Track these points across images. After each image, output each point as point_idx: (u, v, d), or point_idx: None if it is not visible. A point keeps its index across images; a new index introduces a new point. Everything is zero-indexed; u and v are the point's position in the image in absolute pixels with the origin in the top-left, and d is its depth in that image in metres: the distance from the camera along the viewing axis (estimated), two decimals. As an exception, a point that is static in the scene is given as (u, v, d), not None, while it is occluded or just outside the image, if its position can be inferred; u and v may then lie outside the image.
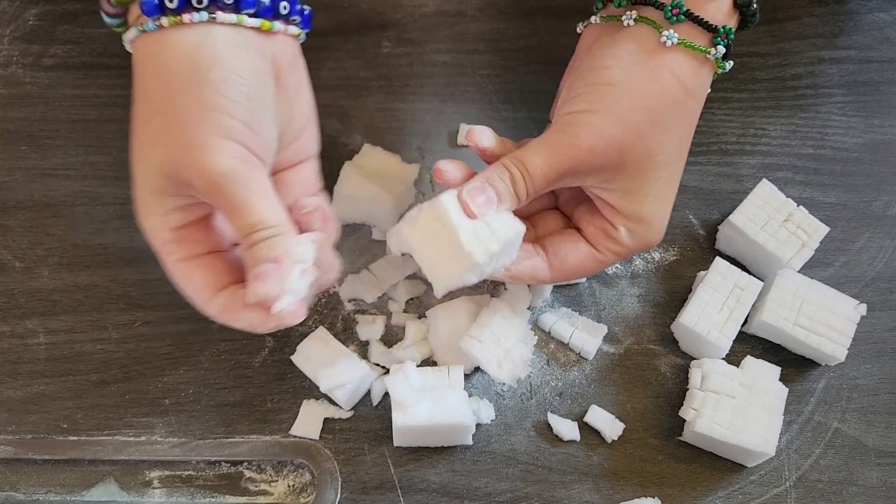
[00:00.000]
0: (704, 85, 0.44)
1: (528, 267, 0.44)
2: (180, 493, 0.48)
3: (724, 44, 0.42)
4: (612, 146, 0.41)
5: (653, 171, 0.43)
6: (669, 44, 0.42)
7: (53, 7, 0.61)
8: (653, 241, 0.45)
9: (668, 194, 0.44)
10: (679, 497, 0.47)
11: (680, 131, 0.43)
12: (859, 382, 0.50)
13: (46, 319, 0.51)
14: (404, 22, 0.61)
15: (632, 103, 0.41)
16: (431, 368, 0.46)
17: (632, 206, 0.43)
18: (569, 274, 0.45)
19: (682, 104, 0.42)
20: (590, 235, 0.45)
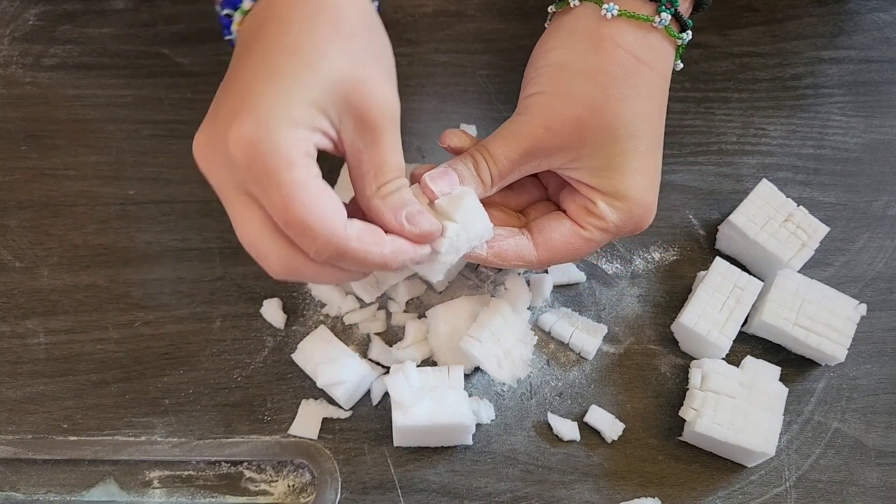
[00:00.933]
0: (661, 55, 0.43)
1: (512, 245, 0.44)
2: (180, 493, 0.48)
3: (670, 12, 0.42)
4: (568, 122, 0.42)
5: (616, 144, 0.42)
6: (610, 16, 0.42)
7: (53, 7, 0.61)
8: (637, 215, 0.44)
9: (643, 167, 0.43)
10: (679, 497, 0.47)
11: (640, 101, 0.43)
12: (859, 382, 0.50)
13: (46, 319, 0.51)
14: (404, 22, 0.61)
15: (579, 79, 0.42)
16: (431, 368, 0.47)
17: (605, 182, 0.43)
18: (556, 252, 0.44)
19: (634, 73, 0.42)
20: (572, 213, 0.44)
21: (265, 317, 0.51)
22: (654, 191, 0.44)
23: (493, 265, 0.44)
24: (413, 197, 0.40)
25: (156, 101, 0.58)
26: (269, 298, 0.51)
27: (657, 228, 0.54)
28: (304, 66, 0.37)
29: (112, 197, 0.55)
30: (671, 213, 0.55)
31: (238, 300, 0.52)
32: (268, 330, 0.51)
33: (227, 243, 0.53)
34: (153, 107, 0.58)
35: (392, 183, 0.39)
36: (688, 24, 0.43)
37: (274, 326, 0.51)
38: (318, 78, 0.37)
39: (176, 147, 0.56)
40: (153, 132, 0.57)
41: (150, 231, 0.54)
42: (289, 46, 0.38)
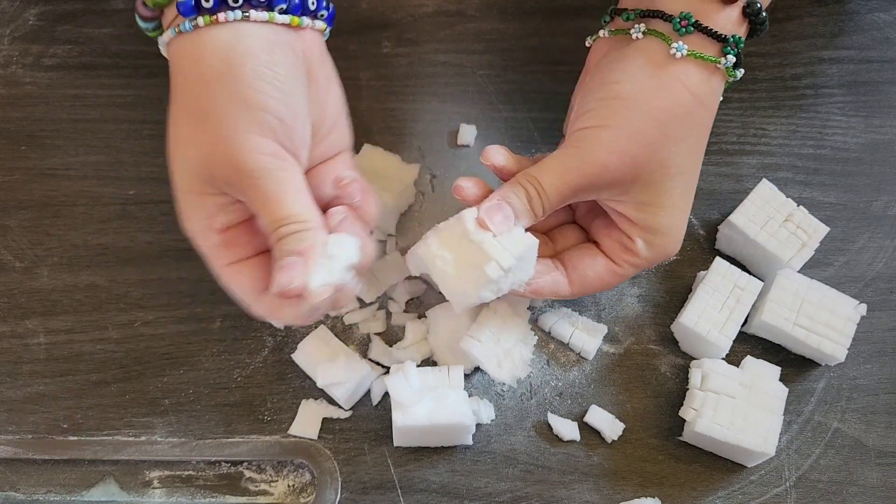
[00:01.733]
0: (715, 94, 0.44)
1: (548, 281, 0.45)
2: (180, 493, 0.48)
3: (734, 53, 0.42)
4: (625, 161, 0.41)
5: (667, 182, 0.43)
6: (679, 55, 0.41)
7: (53, 7, 0.61)
8: (671, 251, 0.45)
9: (683, 204, 0.44)
10: (679, 497, 0.47)
11: (692, 142, 0.43)
12: (859, 382, 0.50)
13: (46, 319, 0.51)
14: (404, 22, 0.61)
15: (643, 117, 0.41)
16: (431, 368, 0.47)
17: (648, 218, 0.43)
18: (589, 288, 0.46)
19: (693, 115, 0.42)
20: (607, 249, 0.45)
21: (265, 317, 0.51)
22: (686, 224, 0.45)
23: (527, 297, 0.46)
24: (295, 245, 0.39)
25: (156, 101, 0.58)
26: (269, 298, 0.51)
27: (657, 228, 0.54)
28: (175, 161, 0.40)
29: (112, 197, 0.55)
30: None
31: (238, 300, 0.52)
32: (268, 330, 0.51)
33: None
34: (153, 107, 0.58)
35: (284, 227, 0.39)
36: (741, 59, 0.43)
37: (274, 326, 0.51)
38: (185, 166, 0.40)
39: (176, 147, 0.56)
40: (153, 132, 0.57)
41: (150, 231, 0.54)
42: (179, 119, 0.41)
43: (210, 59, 0.38)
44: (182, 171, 0.40)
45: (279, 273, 0.38)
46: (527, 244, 0.42)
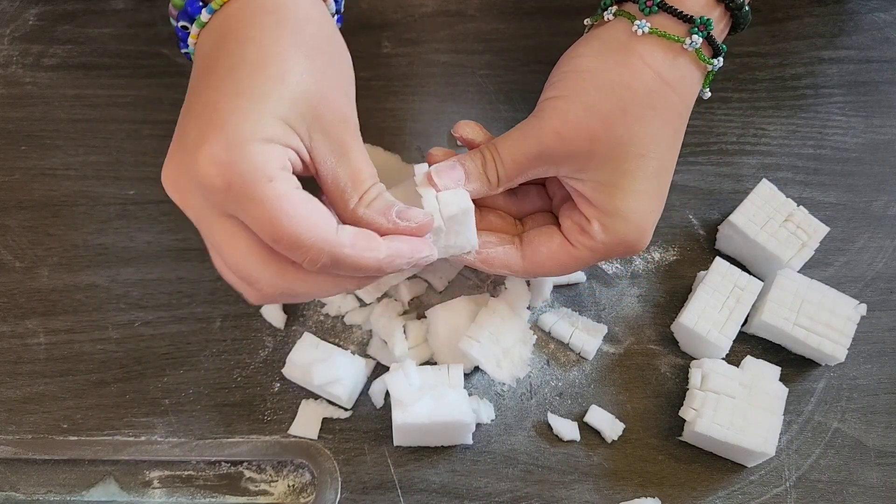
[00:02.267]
0: (686, 78, 0.43)
1: (499, 253, 0.44)
2: (180, 493, 0.48)
3: (702, 35, 0.41)
4: (580, 131, 0.41)
5: (625, 161, 0.42)
6: (640, 33, 0.42)
7: (53, 7, 0.61)
8: (631, 239, 0.43)
9: (646, 190, 0.42)
10: (679, 497, 0.47)
11: (658, 123, 0.42)
12: (859, 382, 0.50)
13: (46, 319, 0.51)
14: (404, 22, 0.61)
15: (600, 89, 0.41)
16: (431, 367, 0.47)
17: (604, 199, 0.42)
18: (541, 265, 0.44)
19: (657, 94, 0.42)
20: (565, 229, 0.44)
21: (265, 317, 0.51)
22: (654, 216, 0.43)
23: (478, 269, 0.45)
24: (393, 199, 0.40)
25: (156, 101, 0.58)
26: (269, 298, 0.51)
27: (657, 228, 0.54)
28: (271, 80, 0.36)
29: (112, 197, 0.55)
30: (671, 213, 0.55)
31: (238, 300, 0.52)
32: (268, 330, 0.51)
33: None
34: (153, 107, 0.58)
35: (372, 189, 0.39)
36: (721, 49, 0.43)
37: (274, 326, 0.51)
38: (286, 93, 0.36)
39: (176, 147, 0.56)
40: (153, 132, 0.57)
41: (150, 231, 0.54)
42: (253, 60, 0.36)
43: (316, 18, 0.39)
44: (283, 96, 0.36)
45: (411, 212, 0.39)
46: (462, 207, 0.41)
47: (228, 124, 0.35)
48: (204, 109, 0.36)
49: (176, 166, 0.36)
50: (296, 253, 0.35)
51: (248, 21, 0.38)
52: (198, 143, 0.35)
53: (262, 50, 0.37)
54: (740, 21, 0.44)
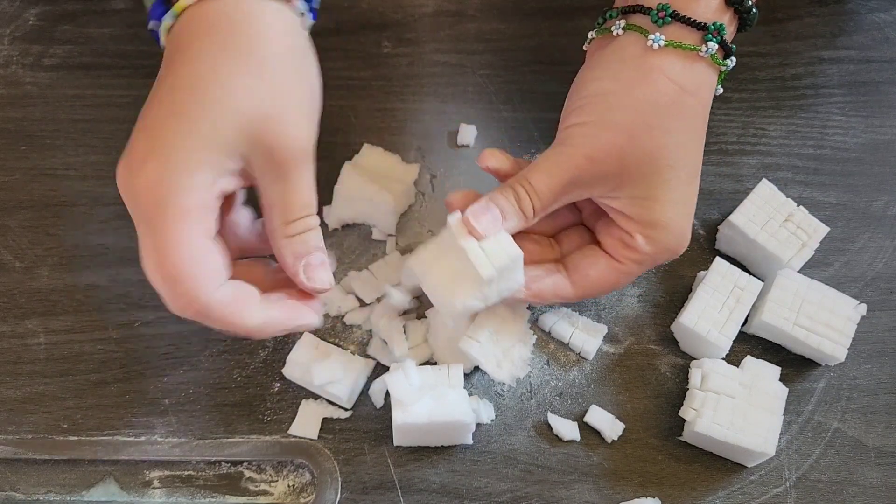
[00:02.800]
0: (704, 83, 0.43)
1: (549, 284, 0.45)
2: (180, 493, 0.48)
3: (717, 41, 0.42)
4: (610, 152, 0.41)
5: (658, 174, 0.42)
6: (656, 46, 0.42)
7: (53, 7, 0.61)
8: (673, 246, 0.44)
9: (682, 197, 0.43)
10: (679, 497, 0.47)
11: (684, 132, 0.43)
12: (859, 382, 0.50)
13: (46, 319, 0.51)
14: (404, 22, 0.61)
15: (625, 109, 0.42)
16: (431, 367, 0.46)
17: (643, 213, 0.43)
18: (592, 288, 0.45)
19: (679, 104, 0.42)
20: (608, 247, 0.45)
21: (265, 317, 0.51)
22: (690, 220, 0.44)
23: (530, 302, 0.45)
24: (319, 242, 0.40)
25: (156, 101, 0.58)
26: (269, 298, 0.51)
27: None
28: (210, 105, 0.37)
29: (112, 197, 0.55)
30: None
31: (238, 300, 0.52)
32: (268, 330, 0.51)
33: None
34: (153, 107, 0.58)
35: (298, 223, 0.39)
36: (732, 49, 0.43)
37: (274, 326, 0.51)
38: (223, 118, 0.37)
39: (176, 147, 0.56)
40: (153, 132, 0.57)
41: (150, 231, 0.54)
42: (194, 82, 0.37)
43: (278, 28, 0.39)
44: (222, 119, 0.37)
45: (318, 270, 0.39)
46: (511, 255, 0.42)
47: (163, 148, 0.36)
48: (147, 125, 0.38)
49: (123, 171, 0.38)
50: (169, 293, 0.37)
51: (199, 37, 0.38)
52: (139, 160, 0.37)
53: (206, 70, 0.37)
54: (748, 22, 0.44)
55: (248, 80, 0.37)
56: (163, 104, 0.38)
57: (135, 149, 0.38)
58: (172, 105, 0.37)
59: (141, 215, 0.37)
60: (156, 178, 0.36)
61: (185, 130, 0.36)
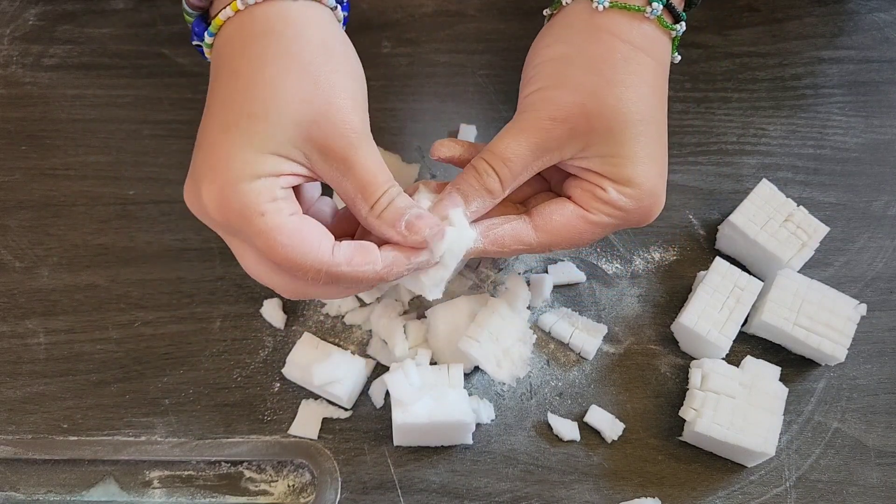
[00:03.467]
0: (657, 44, 0.43)
1: (508, 230, 0.42)
2: (180, 493, 0.48)
3: (662, 2, 0.42)
4: (574, 111, 0.41)
5: (626, 129, 0.41)
6: (601, 8, 0.42)
7: (53, 7, 0.61)
8: (647, 203, 0.42)
9: (652, 154, 0.42)
10: (679, 497, 0.47)
11: (644, 87, 0.42)
12: (859, 382, 0.50)
13: (46, 319, 0.51)
14: (404, 22, 0.61)
15: (580, 68, 0.42)
16: (431, 367, 0.47)
17: (614, 170, 0.42)
18: (556, 234, 0.43)
19: (634, 60, 0.42)
20: (577, 198, 0.43)
21: (265, 317, 0.51)
22: (663, 180, 0.43)
23: (493, 255, 0.43)
24: (408, 202, 0.40)
25: (156, 101, 0.58)
26: (269, 298, 0.51)
27: (657, 228, 0.54)
28: (259, 116, 0.38)
29: (112, 197, 0.55)
30: (671, 213, 0.55)
31: (238, 300, 0.52)
32: (268, 330, 0.51)
33: (226, 243, 0.53)
34: (153, 107, 0.58)
35: (383, 198, 0.40)
36: (681, 15, 0.43)
37: (274, 326, 0.51)
38: (274, 126, 0.38)
39: (176, 147, 0.56)
40: (153, 132, 0.57)
41: (150, 231, 0.54)
42: (239, 95, 0.39)
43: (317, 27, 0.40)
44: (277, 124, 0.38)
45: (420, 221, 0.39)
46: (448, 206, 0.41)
47: (220, 165, 0.38)
48: (203, 144, 0.39)
49: (189, 193, 0.40)
50: (296, 274, 0.38)
51: (239, 50, 0.39)
52: (199, 180, 0.38)
53: (250, 82, 0.38)
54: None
55: (293, 84, 0.38)
56: (215, 120, 0.39)
57: (196, 169, 0.39)
58: (224, 120, 0.38)
59: (224, 230, 0.40)
60: (221, 196, 0.37)
61: (239, 145, 0.38)
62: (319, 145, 0.38)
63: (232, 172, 0.37)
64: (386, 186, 0.40)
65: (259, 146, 0.38)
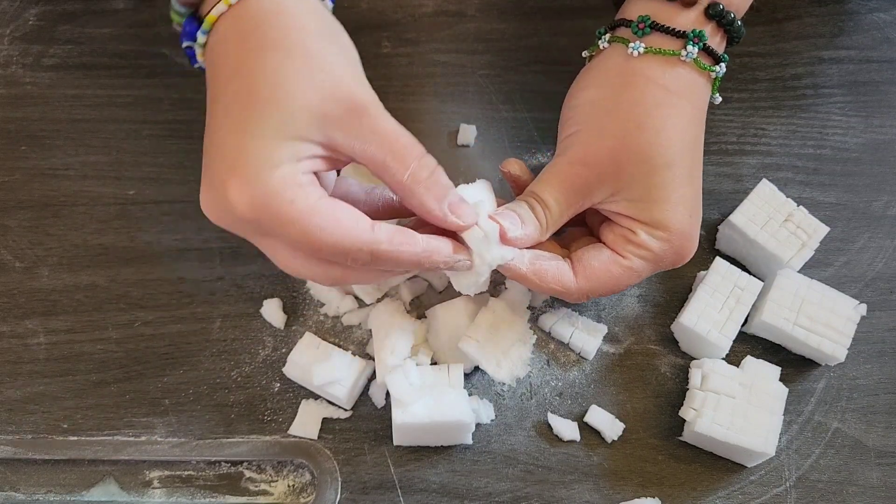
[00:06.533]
0: (692, 87, 0.43)
1: (552, 267, 0.43)
2: (180, 493, 0.48)
3: (698, 46, 0.43)
4: (604, 156, 0.42)
5: (653, 174, 0.42)
6: (636, 54, 0.43)
7: (53, 7, 0.61)
8: (677, 245, 0.43)
9: (681, 198, 0.43)
10: (679, 497, 0.47)
11: (675, 131, 0.43)
12: (859, 382, 0.50)
13: (46, 319, 0.51)
14: (404, 22, 0.61)
15: (612, 113, 0.43)
16: (431, 367, 0.47)
17: (644, 213, 0.43)
18: (595, 280, 0.44)
19: (666, 104, 0.42)
20: (611, 242, 0.44)
21: (265, 317, 0.51)
22: (695, 221, 0.44)
23: (530, 284, 0.44)
24: (449, 181, 0.41)
25: (156, 101, 0.58)
26: (269, 298, 0.51)
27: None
28: (270, 104, 0.37)
29: (112, 197, 0.55)
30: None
31: (238, 300, 0.52)
32: (268, 330, 0.51)
33: (226, 243, 0.53)
34: (153, 107, 0.58)
35: (421, 166, 0.39)
36: (722, 57, 0.44)
37: (274, 326, 0.51)
38: (286, 112, 0.37)
39: (176, 147, 0.56)
40: (153, 132, 0.57)
41: (150, 231, 0.54)
42: (247, 89, 0.38)
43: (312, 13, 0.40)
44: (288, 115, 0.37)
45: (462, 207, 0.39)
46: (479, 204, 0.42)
47: (239, 162, 0.37)
48: (214, 146, 0.39)
49: (209, 201, 0.39)
50: (337, 258, 0.38)
51: (235, 45, 0.39)
52: (221, 183, 0.38)
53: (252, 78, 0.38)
54: (734, 35, 0.45)
55: (297, 73, 0.38)
56: (224, 120, 0.39)
57: (213, 173, 0.38)
58: (233, 118, 0.38)
59: (253, 230, 0.39)
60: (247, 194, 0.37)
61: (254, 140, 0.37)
62: (338, 120, 0.38)
63: (252, 167, 0.37)
64: (421, 153, 0.40)
65: (274, 134, 0.37)
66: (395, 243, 0.38)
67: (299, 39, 0.39)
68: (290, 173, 0.37)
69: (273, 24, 0.39)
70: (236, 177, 0.37)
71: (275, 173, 0.37)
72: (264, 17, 0.39)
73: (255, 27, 0.39)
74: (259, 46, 0.39)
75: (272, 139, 0.37)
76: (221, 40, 0.40)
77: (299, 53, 0.38)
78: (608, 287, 0.44)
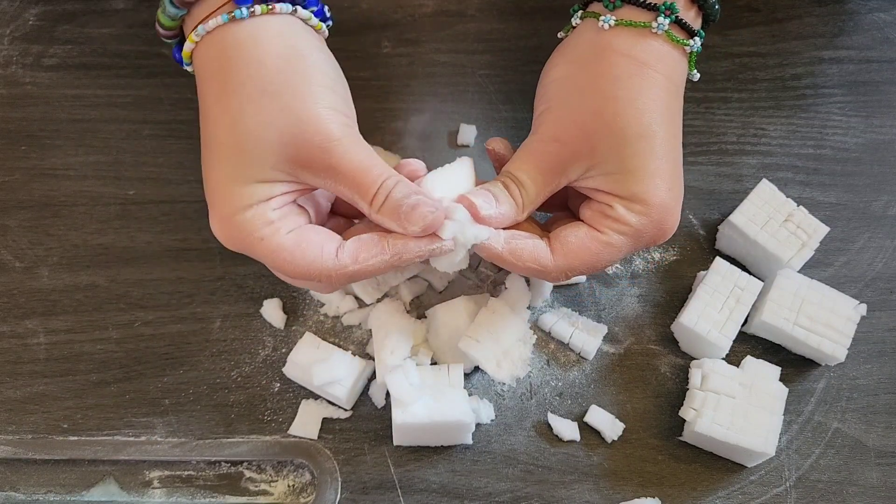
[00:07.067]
0: (665, 58, 0.42)
1: (529, 245, 0.42)
2: (180, 493, 0.48)
3: (672, 19, 0.42)
4: (574, 130, 0.42)
5: (626, 145, 0.41)
6: (606, 27, 0.42)
7: (53, 7, 0.61)
8: (657, 219, 0.42)
9: (659, 169, 0.41)
10: (679, 497, 0.47)
11: (647, 102, 0.41)
12: (859, 382, 0.50)
13: (46, 319, 0.51)
14: (404, 22, 0.61)
15: (583, 87, 0.42)
16: (431, 367, 0.47)
17: (620, 187, 0.41)
18: (573, 257, 0.42)
19: (638, 75, 0.42)
20: (588, 219, 0.43)
21: (265, 317, 0.51)
22: (676, 194, 0.43)
23: (509, 265, 0.42)
24: (405, 189, 0.41)
25: (156, 101, 0.58)
26: (269, 298, 0.51)
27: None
28: (234, 149, 0.40)
29: (112, 197, 0.55)
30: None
31: (238, 300, 0.52)
32: (268, 330, 0.51)
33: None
34: (153, 107, 0.58)
35: (380, 192, 0.40)
36: (697, 32, 0.43)
37: (274, 326, 0.51)
38: (251, 156, 0.40)
39: (176, 147, 0.56)
40: (153, 132, 0.57)
41: (150, 231, 0.54)
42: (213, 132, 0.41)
43: (273, 44, 0.41)
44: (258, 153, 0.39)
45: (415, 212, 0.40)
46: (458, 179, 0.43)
47: (216, 200, 0.41)
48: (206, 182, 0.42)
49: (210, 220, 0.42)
50: (309, 284, 0.42)
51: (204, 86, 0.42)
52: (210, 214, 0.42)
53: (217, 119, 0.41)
54: (708, 11, 0.44)
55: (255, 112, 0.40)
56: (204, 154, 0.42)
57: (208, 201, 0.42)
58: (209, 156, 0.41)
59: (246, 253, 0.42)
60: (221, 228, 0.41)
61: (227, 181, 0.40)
62: (300, 162, 0.40)
63: (227, 207, 0.40)
64: (380, 180, 0.40)
65: (243, 178, 0.40)
66: (360, 261, 0.40)
67: (258, 79, 0.40)
68: (260, 213, 0.40)
69: (234, 64, 0.40)
70: (215, 214, 0.41)
71: (245, 214, 0.40)
72: (225, 54, 0.41)
73: (219, 68, 0.41)
74: (222, 90, 0.40)
75: (241, 184, 0.40)
76: (197, 74, 0.43)
77: (258, 97, 0.40)
78: (587, 264, 0.42)
